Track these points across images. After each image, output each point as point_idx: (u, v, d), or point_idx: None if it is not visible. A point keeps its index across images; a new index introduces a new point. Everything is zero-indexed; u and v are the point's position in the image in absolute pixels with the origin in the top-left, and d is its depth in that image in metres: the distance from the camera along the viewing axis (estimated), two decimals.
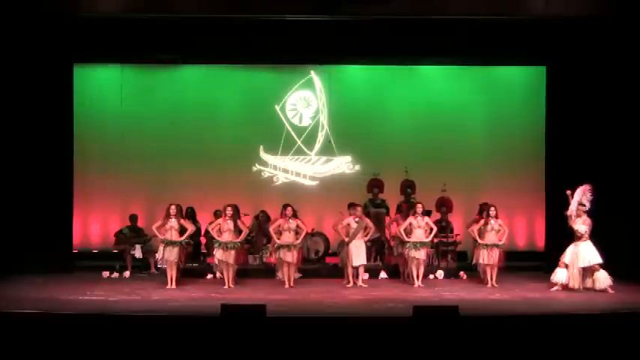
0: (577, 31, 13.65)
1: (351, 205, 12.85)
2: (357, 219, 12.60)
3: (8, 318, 8.93)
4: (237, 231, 12.27)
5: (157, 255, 12.61)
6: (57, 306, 10.15)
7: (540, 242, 15.11)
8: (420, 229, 12.51)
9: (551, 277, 12.08)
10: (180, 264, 12.22)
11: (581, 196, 12.10)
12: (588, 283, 11.87)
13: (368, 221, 12.80)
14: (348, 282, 12.56)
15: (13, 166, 13.85)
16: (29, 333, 8.57)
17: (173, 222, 12.14)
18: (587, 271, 11.88)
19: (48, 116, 13.96)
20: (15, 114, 13.85)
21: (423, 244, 12.47)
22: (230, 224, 12.18)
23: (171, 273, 12.07)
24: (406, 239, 12.49)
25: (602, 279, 11.74)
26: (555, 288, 11.93)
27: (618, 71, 13.76)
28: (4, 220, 13.68)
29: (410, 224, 12.57)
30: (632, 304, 10.46)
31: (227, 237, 12.12)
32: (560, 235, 14.12)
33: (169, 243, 12.03)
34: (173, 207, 12.23)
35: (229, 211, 12.20)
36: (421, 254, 12.47)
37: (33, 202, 13.86)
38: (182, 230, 12.22)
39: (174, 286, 12.00)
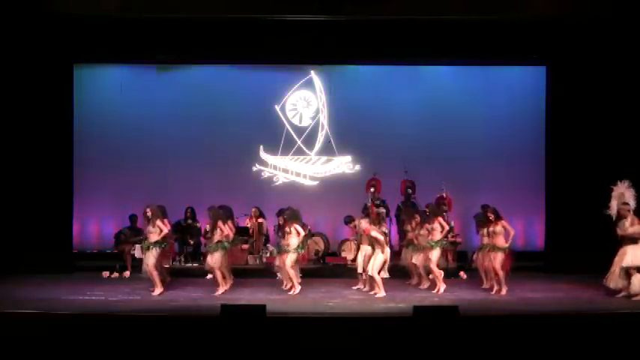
0: (578, 30, 13.67)
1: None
2: (357, 230, 12.24)
3: (8, 318, 8.94)
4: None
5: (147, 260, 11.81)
6: (57, 306, 10.14)
7: (540, 242, 15.11)
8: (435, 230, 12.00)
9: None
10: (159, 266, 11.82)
11: (621, 194, 11.13)
12: (624, 284, 11.04)
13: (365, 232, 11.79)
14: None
15: (13, 167, 13.87)
16: (29, 333, 8.57)
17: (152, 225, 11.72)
18: (626, 273, 11.03)
19: (48, 116, 13.98)
20: (15, 114, 13.86)
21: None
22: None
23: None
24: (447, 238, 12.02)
25: (637, 285, 10.89)
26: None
27: (619, 71, 13.78)
28: (4, 221, 13.69)
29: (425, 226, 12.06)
30: (633, 305, 10.45)
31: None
32: (560, 236, 14.20)
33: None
34: (148, 210, 11.66)
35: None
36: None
37: (33, 203, 13.87)
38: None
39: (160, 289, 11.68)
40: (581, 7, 13.10)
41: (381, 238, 11.41)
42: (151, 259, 11.53)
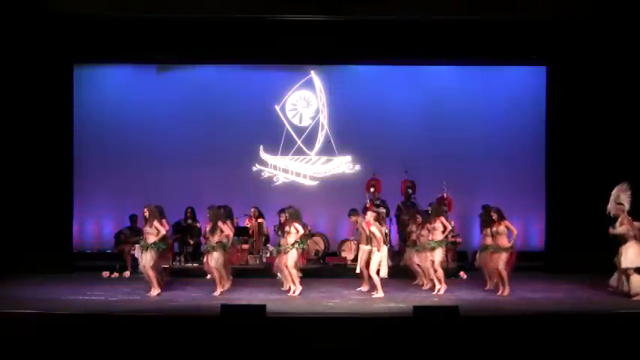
0: (578, 31, 13.68)
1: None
2: (357, 226, 12.22)
3: (8, 318, 8.95)
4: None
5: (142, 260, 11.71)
6: (57, 306, 10.15)
7: (540, 242, 15.11)
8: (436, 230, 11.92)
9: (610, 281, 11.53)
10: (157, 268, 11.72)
11: (617, 194, 11.32)
12: (625, 286, 11.14)
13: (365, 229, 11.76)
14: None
15: (12, 167, 13.87)
16: (29, 333, 8.58)
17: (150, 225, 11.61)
18: (625, 273, 11.14)
19: (48, 116, 13.98)
20: (15, 114, 13.86)
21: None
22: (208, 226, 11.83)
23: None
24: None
25: (635, 285, 10.94)
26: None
27: (619, 71, 13.79)
28: (4, 221, 13.69)
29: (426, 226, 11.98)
30: (633, 305, 10.45)
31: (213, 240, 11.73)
32: (560, 236, 14.19)
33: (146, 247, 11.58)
34: (146, 210, 11.61)
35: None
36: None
37: (33, 203, 13.87)
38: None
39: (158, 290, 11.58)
40: (581, 7, 13.10)
41: (379, 235, 11.41)
42: (147, 259, 11.49)
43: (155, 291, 11.51)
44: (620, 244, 11.13)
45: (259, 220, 14.55)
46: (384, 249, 11.51)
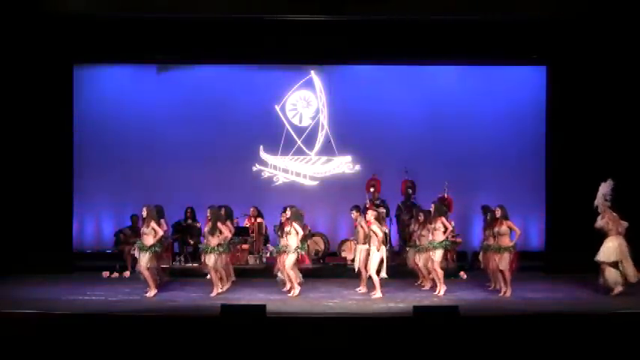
0: (578, 30, 13.68)
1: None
2: (356, 224, 12.17)
3: (8, 318, 8.95)
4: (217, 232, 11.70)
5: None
6: (57, 306, 10.15)
7: (540, 242, 15.10)
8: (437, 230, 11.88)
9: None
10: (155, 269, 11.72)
11: (605, 190, 11.60)
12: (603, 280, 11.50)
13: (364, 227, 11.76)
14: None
15: (13, 167, 13.87)
16: (29, 333, 8.58)
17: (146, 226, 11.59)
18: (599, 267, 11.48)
19: (48, 117, 13.98)
20: (15, 115, 13.86)
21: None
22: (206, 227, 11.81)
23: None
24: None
25: (610, 278, 11.33)
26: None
27: (619, 71, 13.79)
28: (5, 221, 13.69)
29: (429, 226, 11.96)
30: (632, 305, 10.45)
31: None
32: (560, 236, 14.18)
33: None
34: (144, 210, 11.60)
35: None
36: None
37: (33, 203, 13.87)
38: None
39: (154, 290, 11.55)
40: (581, 7, 13.09)
41: (380, 234, 11.40)
42: (144, 260, 11.47)
43: (151, 292, 11.50)
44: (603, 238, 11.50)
45: (259, 220, 14.55)
46: (384, 249, 11.51)
